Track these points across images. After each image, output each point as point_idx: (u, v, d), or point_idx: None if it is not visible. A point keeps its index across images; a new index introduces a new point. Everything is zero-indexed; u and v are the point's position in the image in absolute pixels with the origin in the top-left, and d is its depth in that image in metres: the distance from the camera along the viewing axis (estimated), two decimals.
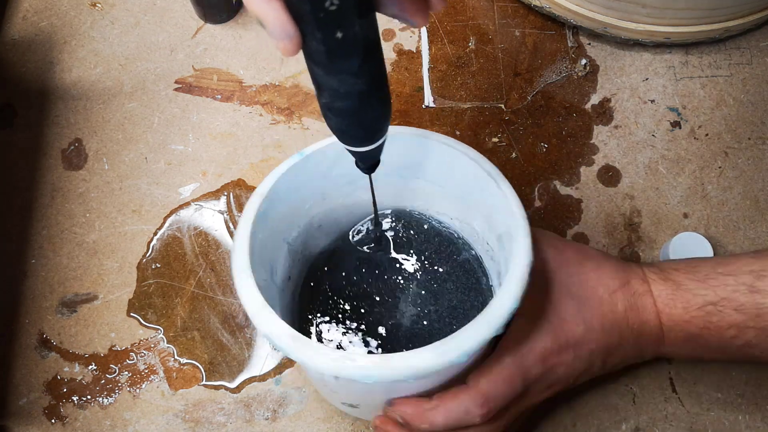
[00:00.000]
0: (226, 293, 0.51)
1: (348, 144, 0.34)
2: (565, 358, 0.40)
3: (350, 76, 0.30)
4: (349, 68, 0.29)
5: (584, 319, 0.40)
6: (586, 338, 0.40)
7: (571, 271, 0.41)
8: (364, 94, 0.31)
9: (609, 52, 0.58)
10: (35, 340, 0.50)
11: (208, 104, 0.56)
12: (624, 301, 0.41)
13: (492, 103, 0.57)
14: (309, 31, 0.28)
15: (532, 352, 0.39)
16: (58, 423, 0.48)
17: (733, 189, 0.54)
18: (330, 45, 0.28)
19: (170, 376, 0.49)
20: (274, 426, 0.48)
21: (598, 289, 0.41)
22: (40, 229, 0.53)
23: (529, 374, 0.38)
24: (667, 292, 0.41)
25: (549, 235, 0.43)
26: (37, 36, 0.58)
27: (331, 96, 0.31)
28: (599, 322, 0.40)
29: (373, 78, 0.31)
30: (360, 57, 0.29)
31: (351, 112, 0.32)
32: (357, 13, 0.27)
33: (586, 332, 0.40)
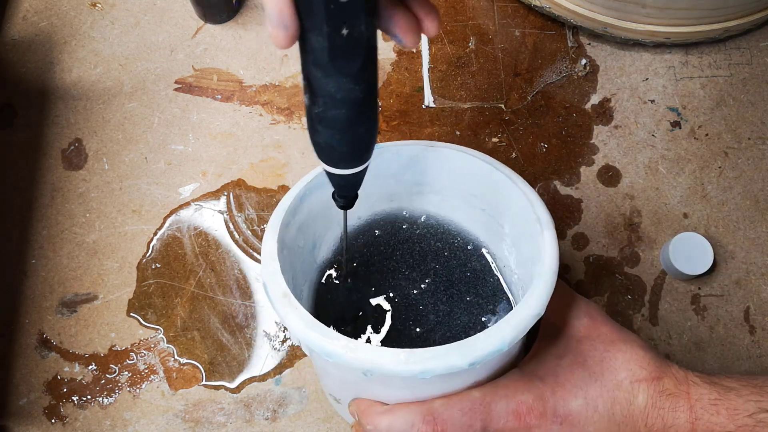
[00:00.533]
0: (226, 293, 0.51)
1: (333, 164, 0.33)
2: (547, 426, 0.36)
3: (350, 80, 0.29)
4: (350, 69, 0.29)
5: (587, 396, 0.36)
6: (583, 417, 0.36)
7: (597, 345, 0.38)
8: (360, 102, 0.30)
9: (609, 52, 0.58)
10: (35, 340, 0.50)
11: (208, 104, 0.56)
12: (647, 396, 0.36)
13: (492, 103, 0.57)
14: (314, 26, 0.27)
15: (506, 399, 0.36)
16: (58, 423, 0.48)
17: (733, 189, 0.54)
18: (334, 42, 0.28)
19: (170, 376, 0.49)
20: (274, 426, 0.48)
21: (620, 372, 0.37)
22: (40, 229, 0.53)
23: (491, 418, 0.36)
24: (710, 396, 0.36)
25: (590, 306, 0.41)
26: (37, 36, 0.58)
27: (326, 104, 0.30)
28: (606, 407, 0.36)
29: (370, 86, 0.30)
30: (362, 59, 0.29)
31: (344, 122, 0.31)
32: (365, 10, 0.27)
33: (584, 410, 0.36)
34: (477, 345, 0.32)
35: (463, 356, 0.32)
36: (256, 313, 0.51)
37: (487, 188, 0.41)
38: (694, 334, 0.51)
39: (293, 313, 0.34)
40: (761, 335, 0.51)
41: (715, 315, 0.51)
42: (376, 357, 0.32)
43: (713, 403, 0.36)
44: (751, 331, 0.51)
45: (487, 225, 0.44)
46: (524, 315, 0.33)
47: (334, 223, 0.44)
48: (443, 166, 0.42)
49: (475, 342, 0.32)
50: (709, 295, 0.51)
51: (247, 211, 0.53)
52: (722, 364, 0.50)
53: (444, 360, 0.32)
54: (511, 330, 0.33)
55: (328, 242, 0.45)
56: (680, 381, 0.37)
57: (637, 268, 0.52)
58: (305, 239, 0.42)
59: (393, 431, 0.36)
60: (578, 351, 0.38)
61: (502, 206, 0.41)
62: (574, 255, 0.53)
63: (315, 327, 0.33)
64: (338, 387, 0.41)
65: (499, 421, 0.36)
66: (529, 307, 0.34)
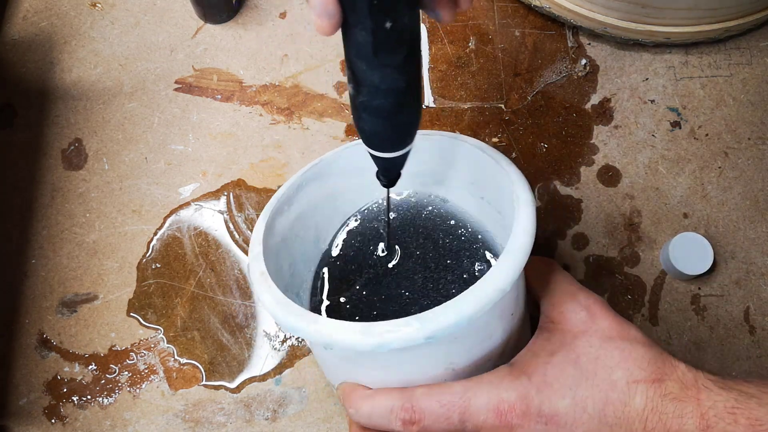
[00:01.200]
0: (226, 293, 0.51)
1: (377, 149, 0.34)
2: (530, 426, 0.34)
3: (394, 71, 0.29)
4: (393, 61, 0.29)
5: (576, 396, 0.34)
6: (570, 418, 0.34)
7: (593, 341, 0.36)
8: (404, 91, 0.30)
9: (609, 52, 0.58)
10: (35, 340, 0.50)
11: (208, 104, 0.56)
12: (646, 398, 0.34)
13: (492, 103, 0.57)
14: (357, 21, 0.27)
15: (488, 395, 0.34)
16: (58, 423, 0.48)
17: (733, 189, 0.54)
18: (378, 35, 0.28)
19: (170, 376, 0.49)
20: (274, 426, 0.48)
21: (615, 371, 0.35)
22: (40, 229, 0.53)
23: (470, 413, 0.34)
24: (726, 403, 0.33)
25: (590, 298, 0.38)
26: (38, 36, 0.58)
27: (371, 93, 0.30)
28: (596, 408, 0.34)
29: (414, 76, 0.31)
30: (406, 50, 0.29)
31: (388, 111, 0.31)
32: (408, 3, 0.27)
33: (572, 411, 0.34)
34: (435, 318, 0.31)
35: (420, 329, 0.31)
36: (256, 313, 0.51)
37: (479, 172, 0.41)
38: (694, 334, 0.51)
39: (267, 291, 0.35)
40: (761, 335, 0.51)
41: (715, 315, 0.51)
42: (334, 331, 0.32)
43: (730, 411, 0.33)
44: (751, 331, 0.51)
45: (482, 207, 0.44)
46: (487, 290, 0.32)
47: (339, 214, 0.44)
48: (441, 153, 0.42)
49: (432, 315, 0.31)
50: (709, 295, 0.51)
51: (247, 211, 0.53)
52: (722, 364, 0.50)
53: (399, 333, 0.31)
54: (472, 304, 0.32)
55: (332, 233, 0.45)
56: (688, 384, 0.34)
57: (637, 268, 0.52)
58: (305, 229, 0.42)
59: (373, 415, 0.36)
60: (572, 347, 0.36)
61: (493, 188, 0.41)
62: (574, 255, 0.53)
63: (283, 304, 0.34)
64: (329, 371, 0.41)
65: (479, 417, 0.34)
66: (492, 281, 0.32)
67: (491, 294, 0.32)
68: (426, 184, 0.46)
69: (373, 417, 0.36)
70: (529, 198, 0.36)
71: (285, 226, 0.40)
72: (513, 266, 0.33)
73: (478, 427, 0.35)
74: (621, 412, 0.34)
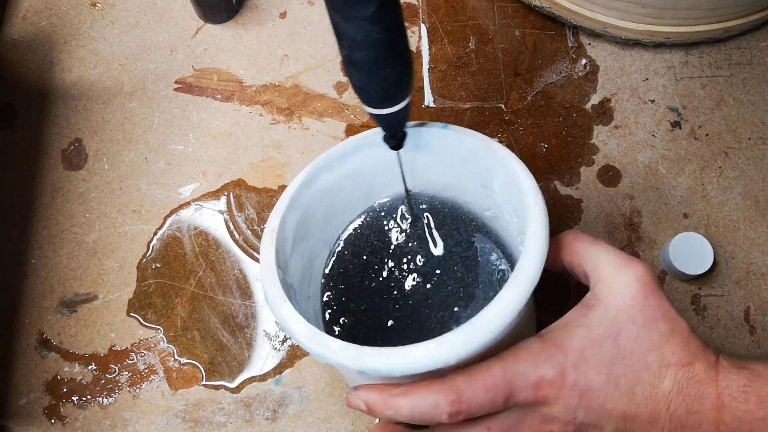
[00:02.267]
0: (226, 293, 0.51)
1: (369, 104, 0.35)
2: (566, 399, 0.35)
3: (366, 23, 0.30)
4: (364, 13, 0.30)
5: (611, 373, 0.35)
6: (603, 393, 0.35)
7: (638, 319, 0.36)
8: (381, 43, 0.31)
9: (609, 52, 0.58)
10: (35, 340, 0.50)
11: (208, 104, 0.56)
12: (673, 382, 0.35)
13: (492, 103, 0.57)
14: None
15: (526, 375, 0.35)
16: (58, 423, 0.48)
17: (733, 189, 0.54)
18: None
19: (170, 376, 0.49)
20: (274, 426, 0.48)
21: (650, 354, 0.36)
22: (40, 229, 0.53)
23: (513, 394, 0.35)
24: (739, 382, 0.34)
25: (642, 267, 0.38)
26: (37, 36, 0.58)
27: (350, 47, 0.32)
28: (628, 386, 0.35)
29: (390, 27, 0.31)
30: (377, 1, 0.30)
31: (370, 64, 0.32)
32: None
33: (605, 387, 0.35)
34: (466, 339, 0.33)
35: (450, 352, 0.33)
36: (256, 313, 0.51)
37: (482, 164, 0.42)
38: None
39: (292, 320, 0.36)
40: (761, 335, 0.51)
41: (715, 315, 0.51)
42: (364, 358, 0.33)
43: (742, 390, 0.34)
44: (751, 331, 0.51)
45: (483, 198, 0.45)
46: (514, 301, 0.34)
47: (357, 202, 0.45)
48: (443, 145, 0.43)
49: (463, 338, 0.33)
50: (709, 295, 0.51)
51: (247, 211, 0.53)
52: None
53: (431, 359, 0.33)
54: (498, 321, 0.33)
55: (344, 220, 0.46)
56: (711, 365, 0.35)
57: None
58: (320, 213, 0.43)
59: (416, 413, 0.35)
60: (614, 323, 0.36)
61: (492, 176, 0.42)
62: None
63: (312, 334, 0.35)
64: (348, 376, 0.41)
65: (520, 394, 0.35)
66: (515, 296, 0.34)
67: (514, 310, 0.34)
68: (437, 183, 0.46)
69: (416, 414, 0.35)
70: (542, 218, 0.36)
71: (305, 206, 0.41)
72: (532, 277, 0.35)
73: (518, 403, 0.35)
74: (649, 392, 0.35)
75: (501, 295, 0.34)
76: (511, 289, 0.34)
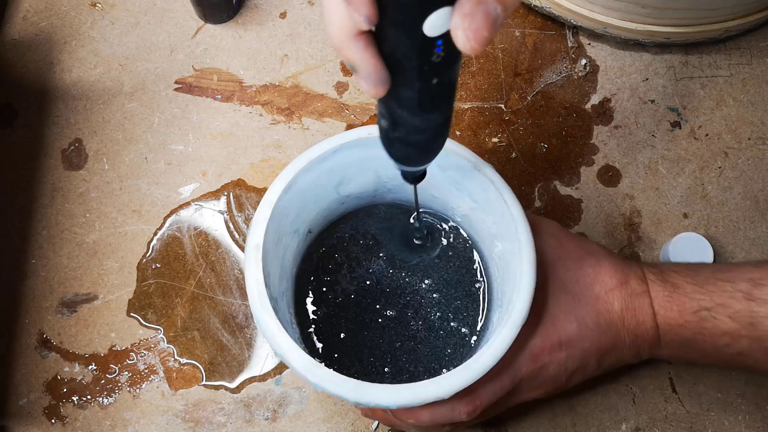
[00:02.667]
0: (226, 293, 0.51)
1: (407, 165, 0.35)
2: (556, 357, 0.39)
3: (436, 115, 0.30)
4: (438, 111, 0.29)
5: (577, 317, 0.40)
6: (579, 336, 0.39)
7: (569, 265, 0.41)
8: (442, 126, 0.31)
9: (609, 52, 0.58)
10: (35, 340, 0.50)
11: (208, 104, 0.56)
12: (621, 301, 0.40)
13: (492, 103, 0.57)
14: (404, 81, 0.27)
15: (522, 350, 0.38)
16: (58, 423, 0.48)
17: (733, 189, 0.54)
18: (424, 93, 0.28)
19: (170, 376, 0.49)
20: (274, 426, 0.48)
21: (595, 287, 0.40)
22: (40, 229, 0.53)
23: (518, 373, 0.38)
24: (664, 294, 0.40)
25: (550, 224, 0.43)
26: (38, 36, 0.58)
27: (409, 132, 0.31)
28: (594, 321, 0.40)
29: (451, 112, 0.31)
30: (451, 99, 0.29)
31: (425, 143, 0.32)
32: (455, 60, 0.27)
33: (579, 330, 0.39)
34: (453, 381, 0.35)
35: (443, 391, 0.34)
36: None
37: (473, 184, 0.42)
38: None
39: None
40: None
41: None
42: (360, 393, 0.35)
43: (667, 299, 0.40)
44: None
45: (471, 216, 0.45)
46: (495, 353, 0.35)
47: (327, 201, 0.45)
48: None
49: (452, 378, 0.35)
50: None
51: (247, 211, 0.53)
52: None
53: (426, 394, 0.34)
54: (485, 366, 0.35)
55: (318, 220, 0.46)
56: (641, 279, 0.41)
57: None
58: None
59: (436, 418, 0.38)
60: (555, 276, 0.40)
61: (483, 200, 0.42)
62: None
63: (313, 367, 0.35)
64: None
65: (521, 370, 0.39)
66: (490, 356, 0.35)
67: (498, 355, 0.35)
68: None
69: (437, 419, 0.38)
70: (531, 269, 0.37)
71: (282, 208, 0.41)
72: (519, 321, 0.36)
73: (521, 379, 0.39)
74: (607, 318, 0.40)
75: (497, 336, 0.36)
76: (506, 329, 0.36)
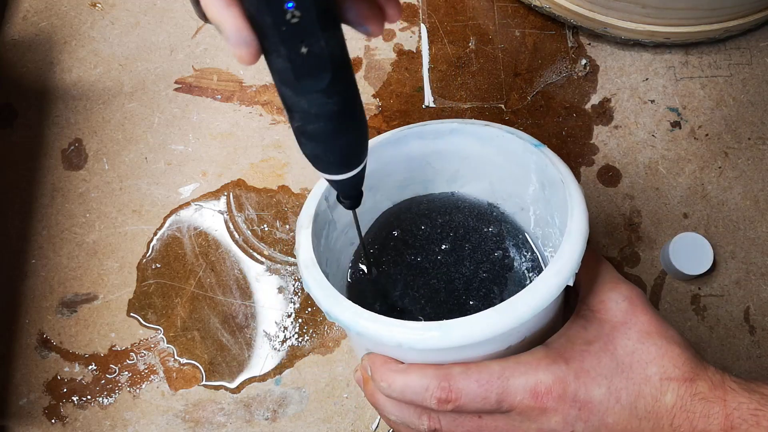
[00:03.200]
0: (226, 293, 0.51)
1: (324, 171, 0.33)
2: (563, 410, 0.35)
3: (320, 95, 0.29)
4: (317, 86, 0.28)
5: (611, 386, 0.35)
6: (603, 405, 0.35)
7: (631, 335, 0.36)
8: (336, 114, 0.30)
9: (609, 52, 0.58)
10: (35, 340, 0.50)
11: (208, 104, 0.56)
12: (677, 396, 0.35)
13: (492, 104, 0.57)
14: (273, 48, 0.27)
15: (525, 376, 0.35)
16: (58, 423, 0.48)
17: (733, 189, 0.54)
18: (295, 61, 0.27)
19: (170, 376, 0.49)
20: (274, 426, 0.48)
21: (650, 367, 0.35)
22: (40, 229, 0.53)
23: (508, 393, 0.35)
24: (750, 406, 0.34)
25: (633, 290, 0.38)
26: (38, 36, 0.58)
27: (303, 118, 0.30)
28: (629, 399, 0.35)
29: (346, 98, 0.30)
30: (329, 73, 0.28)
31: (325, 135, 0.31)
32: (320, 26, 0.26)
33: (605, 398, 0.35)
34: (512, 311, 0.33)
35: (498, 323, 0.33)
36: (256, 313, 0.51)
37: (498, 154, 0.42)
38: (694, 334, 0.51)
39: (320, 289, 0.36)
40: (761, 335, 0.51)
41: (715, 315, 0.51)
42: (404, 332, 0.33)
43: (753, 413, 0.34)
44: (751, 331, 0.51)
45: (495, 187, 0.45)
46: (550, 283, 0.34)
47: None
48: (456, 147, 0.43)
49: (509, 307, 0.33)
50: (709, 295, 0.51)
51: (247, 211, 0.53)
52: (722, 364, 0.50)
53: (478, 330, 0.32)
54: (542, 296, 0.33)
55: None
56: (716, 385, 0.35)
57: (637, 268, 0.52)
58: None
59: (407, 392, 0.36)
60: (610, 338, 0.36)
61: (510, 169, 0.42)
62: None
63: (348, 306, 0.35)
64: (356, 344, 0.41)
65: (516, 397, 0.35)
66: (556, 274, 0.34)
67: (556, 286, 0.34)
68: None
69: (406, 393, 0.36)
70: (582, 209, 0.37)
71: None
72: (574, 257, 0.35)
73: (513, 406, 0.35)
74: (651, 406, 0.35)
75: (539, 279, 0.34)
76: (550, 273, 0.34)
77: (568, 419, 0.35)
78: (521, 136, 0.41)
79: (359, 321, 0.34)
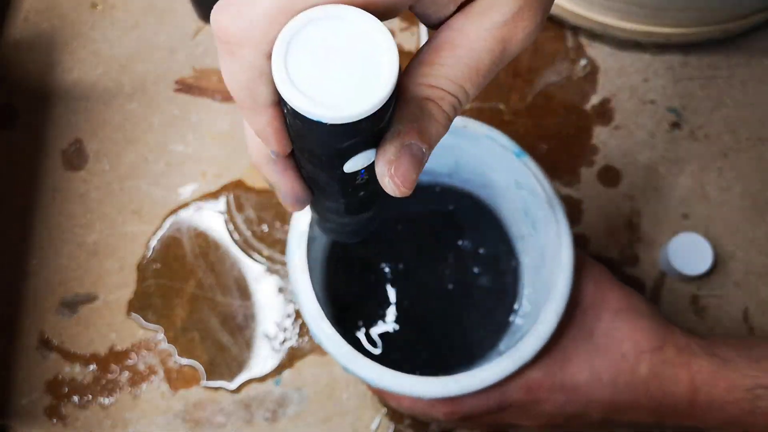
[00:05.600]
0: (226, 294, 0.51)
1: (338, 240, 0.36)
2: (554, 397, 0.39)
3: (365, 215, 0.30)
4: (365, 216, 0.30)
5: (593, 369, 0.38)
6: (587, 388, 0.38)
7: (603, 316, 0.39)
8: (369, 220, 0.31)
9: (609, 52, 0.58)
10: (36, 341, 0.50)
11: (208, 105, 0.56)
12: (649, 367, 0.38)
13: (492, 104, 0.57)
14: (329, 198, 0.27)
15: (518, 377, 0.38)
16: (59, 423, 0.49)
17: (733, 189, 0.54)
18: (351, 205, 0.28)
19: (170, 376, 0.49)
20: (274, 426, 0.48)
21: (624, 344, 0.39)
22: (40, 230, 0.53)
23: (507, 397, 0.38)
24: (710, 368, 0.38)
25: (595, 268, 0.41)
26: (38, 37, 0.58)
27: (340, 225, 0.31)
28: (610, 378, 0.38)
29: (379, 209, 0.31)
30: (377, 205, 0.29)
31: (353, 232, 0.33)
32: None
33: (589, 382, 0.38)
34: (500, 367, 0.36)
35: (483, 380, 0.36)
36: (255, 313, 0.51)
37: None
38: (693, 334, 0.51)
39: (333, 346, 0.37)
40: (760, 336, 0.51)
41: (714, 315, 0.51)
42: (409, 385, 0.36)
43: (712, 375, 0.37)
44: (750, 332, 0.51)
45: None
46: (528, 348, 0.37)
47: None
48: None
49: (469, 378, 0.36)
50: (708, 295, 0.52)
51: (247, 212, 0.53)
52: None
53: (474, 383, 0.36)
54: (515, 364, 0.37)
55: None
56: (681, 349, 0.38)
57: (636, 269, 0.52)
58: None
59: (415, 409, 0.39)
60: (584, 322, 0.39)
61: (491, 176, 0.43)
62: None
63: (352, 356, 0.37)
64: None
65: (512, 396, 0.38)
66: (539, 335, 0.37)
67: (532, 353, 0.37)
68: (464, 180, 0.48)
69: (415, 410, 0.40)
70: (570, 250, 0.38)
71: None
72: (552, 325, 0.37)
73: (511, 404, 0.39)
74: (630, 379, 0.38)
75: (518, 347, 0.37)
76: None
77: (557, 404, 0.39)
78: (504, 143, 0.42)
79: (383, 378, 0.36)
